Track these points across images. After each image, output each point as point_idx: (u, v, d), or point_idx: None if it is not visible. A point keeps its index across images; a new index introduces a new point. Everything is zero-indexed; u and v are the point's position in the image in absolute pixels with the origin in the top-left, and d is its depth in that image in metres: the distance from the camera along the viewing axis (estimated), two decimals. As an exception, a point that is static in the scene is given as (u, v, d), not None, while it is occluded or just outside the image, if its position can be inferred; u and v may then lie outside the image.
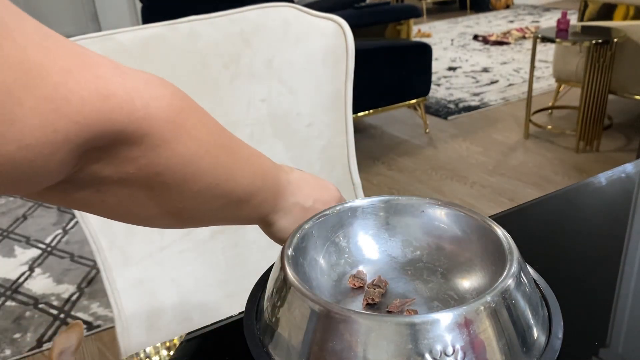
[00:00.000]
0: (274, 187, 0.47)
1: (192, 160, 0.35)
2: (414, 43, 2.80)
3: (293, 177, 0.51)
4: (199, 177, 0.36)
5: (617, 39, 2.48)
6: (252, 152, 0.44)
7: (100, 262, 0.90)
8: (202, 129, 0.36)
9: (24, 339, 1.70)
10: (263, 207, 0.46)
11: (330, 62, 0.96)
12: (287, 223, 0.50)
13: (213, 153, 0.37)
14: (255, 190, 0.43)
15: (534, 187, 2.39)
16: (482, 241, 0.48)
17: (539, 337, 0.41)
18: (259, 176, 0.44)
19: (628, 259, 0.57)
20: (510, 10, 6.64)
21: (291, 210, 0.50)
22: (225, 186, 0.39)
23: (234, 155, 0.40)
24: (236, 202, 0.42)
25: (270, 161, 0.48)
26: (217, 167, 0.38)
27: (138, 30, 0.88)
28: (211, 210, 0.41)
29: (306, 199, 0.51)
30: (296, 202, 0.50)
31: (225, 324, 0.52)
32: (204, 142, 0.36)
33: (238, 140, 0.43)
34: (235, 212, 0.44)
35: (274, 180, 0.47)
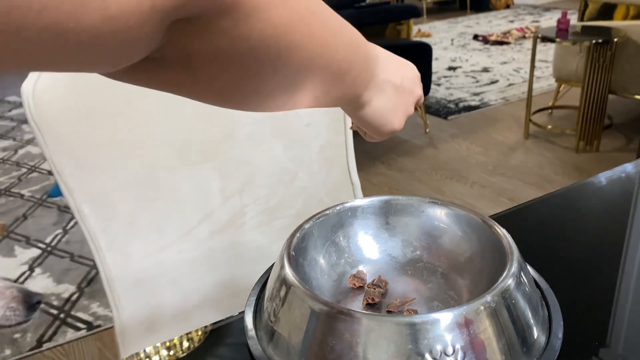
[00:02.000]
0: (366, 62, 0.43)
1: (285, 30, 0.32)
2: (414, 43, 2.80)
3: (380, 52, 0.47)
4: (294, 50, 0.33)
5: (617, 39, 2.48)
6: (342, 21, 0.40)
7: (100, 262, 0.90)
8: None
9: (24, 339, 1.70)
10: (357, 84, 0.43)
11: (330, 62, 0.96)
12: (381, 103, 0.47)
13: (307, 22, 0.33)
14: (349, 65, 0.40)
15: (534, 187, 2.39)
16: (482, 241, 0.48)
17: (539, 337, 0.41)
18: (352, 49, 0.40)
19: (628, 259, 0.57)
20: (510, 10, 6.64)
21: (383, 88, 0.47)
22: (320, 61, 0.36)
23: (327, 26, 0.36)
24: (331, 79, 0.39)
25: (358, 32, 0.43)
26: (312, 39, 0.34)
27: (138, 30, 0.88)
28: (306, 89, 0.38)
29: (395, 75, 0.48)
30: (387, 79, 0.47)
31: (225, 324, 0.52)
32: (297, 9, 0.32)
33: (325, 5, 0.38)
34: (330, 91, 0.40)
35: (365, 54, 0.43)
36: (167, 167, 0.92)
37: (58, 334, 1.71)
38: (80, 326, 1.74)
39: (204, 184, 0.96)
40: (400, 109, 0.49)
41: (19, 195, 2.61)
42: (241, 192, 0.99)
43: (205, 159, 0.95)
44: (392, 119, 0.48)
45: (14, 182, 2.75)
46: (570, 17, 2.70)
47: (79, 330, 1.72)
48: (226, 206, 0.98)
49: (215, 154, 0.96)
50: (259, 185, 1.00)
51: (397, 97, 0.48)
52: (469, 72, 4.10)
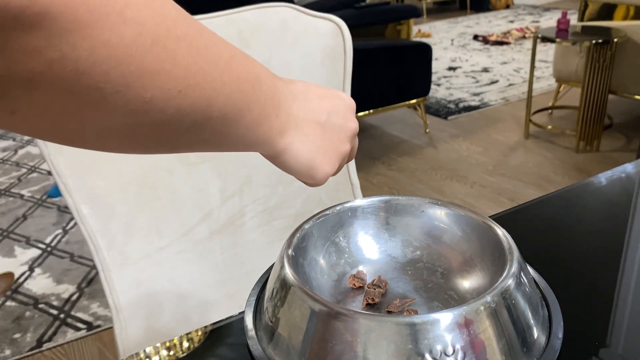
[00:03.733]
0: (274, 100, 0.37)
1: (130, 54, 0.25)
2: (414, 43, 2.80)
3: (296, 87, 0.41)
4: (148, 79, 0.26)
5: (617, 39, 2.48)
6: (234, 52, 0.34)
7: (99, 263, 0.90)
8: (145, 9, 0.26)
9: (24, 339, 1.70)
10: (263, 125, 0.36)
11: (328, 62, 0.96)
12: (305, 147, 0.40)
13: (166, 46, 0.27)
14: (245, 101, 0.34)
15: (534, 187, 2.39)
16: (482, 241, 0.48)
17: (539, 337, 0.41)
18: (249, 82, 0.34)
19: (628, 259, 0.57)
20: (510, 10, 6.64)
21: (304, 130, 0.40)
22: (195, 94, 0.29)
23: (204, 53, 0.30)
24: (219, 117, 0.32)
25: (263, 67, 0.37)
26: (176, 67, 0.28)
27: (137, 30, 0.88)
28: (184, 129, 0.31)
29: (319, 113, 0.41)
30: (307, 118, 0.40)
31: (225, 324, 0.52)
32: (149, 29, 0.26)
33: (210, 33, 0.32)
34: (224, 132, 0.34)
35: (271, 88, 0.36)
36: (166, 167, 0.92)
37: (58, 334, 1.71)
38: (80, 326, 1.74)
39: (203, 184, 0.96)
40: (329, 150, 0.42)
41: (18, 196, 2.61)
42: (241, 192, 0.99)
43: (204, 159, 0.95)
44: (320, 162, 0.41)
45: (14, 182, 2.75)
46: (570, 17, 2.70)
47: (79, 330, 1.72)
48: (225, 206, 0.98)
49: (214, 154, 0.96)
50: (258, 185, 1.00)
51: (323, 136, 0.41)
52: (469, 72, 4.10)
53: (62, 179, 0.82)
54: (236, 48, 0.35)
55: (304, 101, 0.41)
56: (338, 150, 0.43)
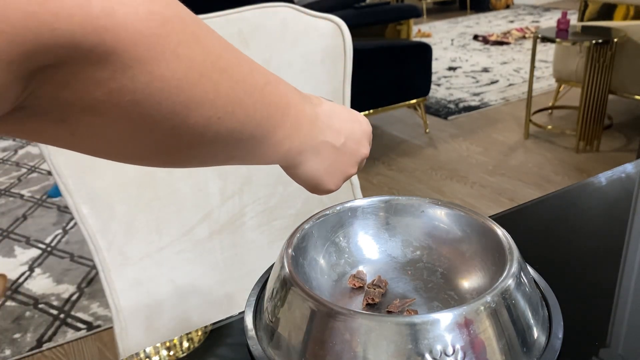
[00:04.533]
0: (299, 123, 0.40)
1: (180, 86, 0.28)
2: (414, 43, 2.80)
3: (322, 110, 0.44)
4: (194, 108, 0.30)
5: (617, 39, 2.48)
6: (269, 78, 0.37)
7: (99, 263, 0.90)
8: (195, 46, 0.29)
9: (24, 339, 1.70)
10: (285, 145, 0.40)
11: (328, 62, 0.96)
12: (317, 165, 0.44)
13: (211, 78, 0.30)
14: (273, 125, 0.37)
15: (534, 187, 2.39)
16: (482, 241, 0.48)
17: (539, 337, 0.41)
18: (279, 109, 0.37)
19: (628, 259, 0.57)
20: (510, 10, 6.64)
21: (320, 150, 0.43)
22: (232, 120, 0.33)
23: (242, 83, 0.33)
24: (249, 139, 0.35)
25: (295, 90, 0.41)
26: (218, 97, 0.31)
27: (137, 30, 0.88)
28: (217, 148, 0.34)
29: (337, 136, 0.44)
30: (325, 140, 0.43)
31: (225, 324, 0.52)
32: (198, 63, 0.29)
33: (249, 61, 0.35)
34: (251, 151, 0.37)
35: (298, 113, 0.40)
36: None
37: (58, 334, 1.71)
38: (80, 326, 1.74)
39: (203, 184, 0.96)
40: (337, 171, 0.45)
41: (18, 196, 2.61)
42: (241, 192, 0.99)
43: (205, 159, 0.95)
44: (326, 180, 0.45)
45: (14, 182, 2.75)
46: (570, 17, 2.70)
47: (79, 330, 1.72)
48: (225, 206, 0.98)
49: (215, 154, 0.96)
50: (258, 185, 1.00)
51: (335, 158, 0.44)
52: (469, 72, 4.10)
53: (62, 179, 0.82)
54: (271, 73, 0.38)
55: (326, 124, 0.44)
56: (345, 172, 0.46)
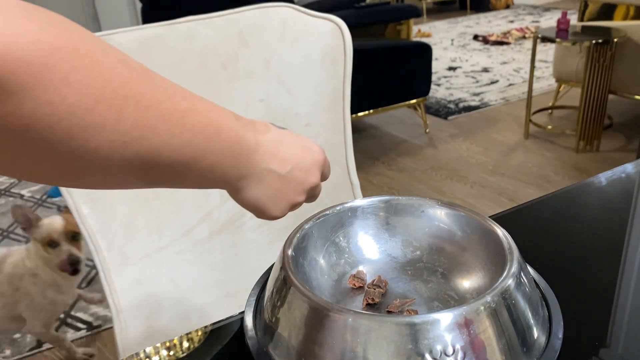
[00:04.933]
0: (233, 150, 0.40)
1: (73, 112, 0.29)
2: (414, 43, 2.80)
3: (267, 138, 0.44)
4: (92, 132, 0.30)
5: (617, 39, 2.48)
6: (195, 105, 0.37)
7: (99, 263, 0.90)
8: (92, 73, 0.29)
9: (24, 339, 1.70)
10: (216, 172, 0.40)
11: (328, 62, 0.96)
12: (259, 192, 0.44)
13: (111, 104, 0.31)
14: (198, 151, 0.37)
15: (534, 187, 2.39)
16: (482, 241, 0.48)
17: (539, 337, 0.41)
18: (205, 135, 0.37)
19: (628, 259, 0.57)
20: (510, 10, 6.64)
21: (263, 177, 0.43)
22: (141, 145, 0.33)
23: (154, 109, 0.33)
24: (169, 164, 0.35)
25: (232, 118, 0.41)
26: (121, 122, 0.31)
27: (136, 30, 0.88)
28: (133, 172, 0.34)
29: (282, 164, 0.44)
30: (268, 168, 0.43)
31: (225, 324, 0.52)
32: (95, 89, 0.30)
33: (170, 88, 0.36)
34: (176, 175, 0.37)
35: (232, 141, 0.40)
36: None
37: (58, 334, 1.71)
38: (80, 326, 1.74)
39: (203, 184, 0.96)
40: (282, 198, 0.45)
41: (19, 196, 2.61)
42: (241, 192, 0.99)
43: (205, 159, 0.95)
44: (270, 207, 0.45)
45: (14, 182, 2.75)
46: (570, 17, 2.70)
47: (79, 330, 1.72)
48: (225, 206, 0.98)
49: (215, 154, 0.96)
50: (258, 185, 1.00)
51: (280, 186, 0.45)
52: (469, 72, 4.10)
53: (62, 179, 0.82)
54: (203, 101, 0.38)
55: (270, 152, 0.43)
56: (290, 201, 0.46)
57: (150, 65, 0.86)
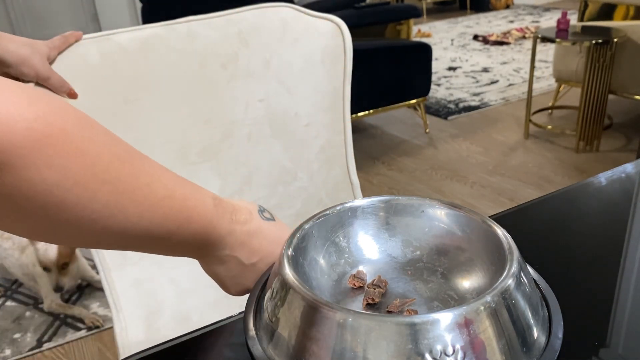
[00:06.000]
0: (201, 236, 0.43)
1: (50, 190, 0.32)
2: (414, 43, 2.80)
3: (244, 228, 0.47)
4: (64, 208, 0.34)
5: (617, 39, 2.48)
6: (174, 193, 0.41)
7: (99, 263, 0.90)
8: (75, 159, 0.33)
9: (24, 339, 1.70)
10: (180, 250, 0.44)
11: (328, 62, 0.96)
12: (220, 272, 0.48)
13: (87, 187, 0.34)
14: (165, 232, 0.40)
15: (534, 187, 2.39)
16: (482, 241, 0.48)
17: (539, 337, 0.41)
18: (176, 221, 0.40)
19: (628, 259, 0.57)
20: (510, 10, 6.64)
21: (225, 261, 0.47)
22: (109, 222, 0.36)
23: (129, 194, 0.37)
24: (135, 238, 0.39)
25: (210, 205, 0.44)
26: (94, 202, 0.35)
27: (136, 30, 0.88)
28: (103, 239, 0.38)
29: (249, 255, 0.48)
30: (233, 255, 0.47)
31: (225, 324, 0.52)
32: (75, 173, 0.33)
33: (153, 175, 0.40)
34: (144, 247, 0.41)
35: (202, 228, 0.43)
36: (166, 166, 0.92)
37: (58, 334, 1.71)
38: (80, 326, 1.74)
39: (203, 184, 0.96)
40: (240, 282, 0.49)
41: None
42: (240, 192, 0.99)
43: (204, 159, 0.95)
44: (228, 287, 0.49)
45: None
46: (570, 17, 2.70)
47: (79, 330, 1.72)
48: (226, 206, 0.98)
49: (214, 154, 0.96)
50: (258, 185, 1.00)
51: (241, 272, 0.48)
52: (469, 72, 4.10)
53: (62, 179, 0.82)
54: (184, 187, 0.42)
55: (240, 241, 0.47)
56: (248, 286, 0.49)
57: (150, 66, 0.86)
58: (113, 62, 0.86)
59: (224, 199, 0.47)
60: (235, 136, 0.97)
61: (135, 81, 0.87)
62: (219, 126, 0.95)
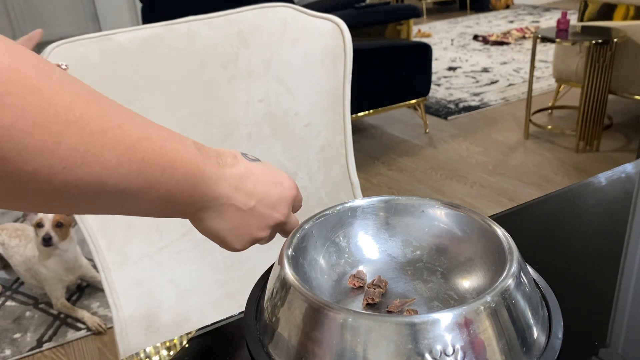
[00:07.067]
0: (189, 182, 0.39)
1: (8, 134, 0.29)
2: (414, 43, 2.80)
3: (232, 171, 0.43)
4: (28, 156, 0.30)
5: (617, 39, 2.48)
6: (149, 134, 0.36)
7: (99, 263, 0.90)
8: (30, 97, 0.29)
9: (24, 339, 1.70)
10: (172, 202, 0.39)
11: (328, 62, 0.96)
12: (219, 224, 0.44)
13: (50, 129, 0.30)
14: (149, 182, 0.36)
15: (534, 187, 2.39)
16: (482, 241, 0.48)
17: (539, 337, 0.41)
18: (157, 165, 0.36)
19: (628, 259, 0.57)
20: (510, 10, 6.64)
21: (223, 211, 0.43)
22: (83, 171, 0.32)
23: (99, 135, 0.33)
24: (116, 192, 0.35)
25: (193, 148, 0.40)
26: (61, 147, 0.31)
27: (136, 30, 0.88)
28: (78, 197, 0.34)
29: (245, 200, 0.44)
30: (229, 203, 0.43)
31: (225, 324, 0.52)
32: (32, 114, 0.29)
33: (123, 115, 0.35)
34: (126, 203, 0.37)
35: (189, 172, 0.39)
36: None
37: (58, 334, 1.71)
38: (80, 326, 1.74)
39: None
40: (243, 233, 0.45)
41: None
42: (241, 192, 0.99)
43: (205, 159, 0.95)
44: (230, 240, 0.45)
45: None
46: (570, 17, 2.70)
47: (79, 330, 1.72)
48: (226, 206, 0.98)
49: (215, 154, 0.96)
50: (258, 185, 1.00)
51: (240, 221, 0.44)
52: (469, 72, 4.10)
53: (62, 179, 0.82)
54: (160, 131, 0.37)
55: (233, 186, 0.43)
56: (252, 235, 0.46)
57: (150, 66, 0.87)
58: (113, 62, 0.86)
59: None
60: (235, 136, 0.97)
61: (135, 81, 0.87)
62: (219, 126, 0.95)
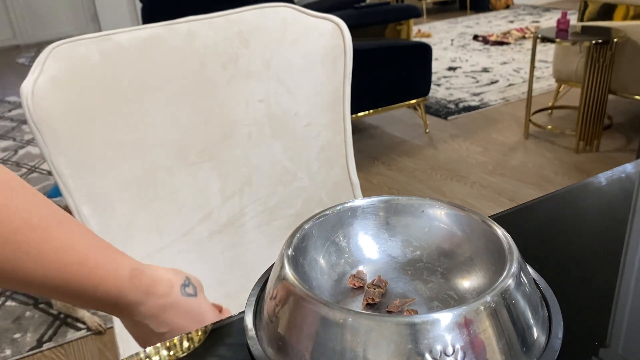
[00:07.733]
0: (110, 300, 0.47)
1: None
2: (414, 43, 2.80)
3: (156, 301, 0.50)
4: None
5: (617, 39, 2.48)
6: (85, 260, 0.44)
7: (100, 263, 0.90)
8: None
9: (24, 339, 1.70)
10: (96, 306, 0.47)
11: (328, 62, 0.96)
12: (133, 331, 0.52)
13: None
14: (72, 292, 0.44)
15: (534, 187, 2.39)
16: (482, 241, 0.48)
17: (539, 337, 0.41)
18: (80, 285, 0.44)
19: (628, 259, 0.57)
20: (510, 10, 6.64)
21: (136, 324, 0.51)
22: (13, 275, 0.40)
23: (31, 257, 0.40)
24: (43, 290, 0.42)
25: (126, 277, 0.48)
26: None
27: (136, 30, 0.88)
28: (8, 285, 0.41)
29: (159, 326, 0.51)
30: (143, 322, 0.50)
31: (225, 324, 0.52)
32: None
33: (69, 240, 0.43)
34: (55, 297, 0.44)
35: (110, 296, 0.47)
36: (166, 167, 0.92)
37: (58, 334, 1.71)
38: (80, 326, 1.74)
39: (203, 184, 0.96)
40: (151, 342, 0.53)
41: (18, 196, 2.61)
42: (241, 193, 0.99)
43: (205, 159, 0.95)
44: (139, 343, 0.54)
45: (14, 182, 2.75)
46: (570, 17, 2.70)
47: (79, 330, 1.72)
48: (226, 206, 0.98)
49: (214, 154, 0.96)
50: (258, 185, 1.00)
51: (150, 336, 0.52)
52: (469, 72, 4.10)
53: (62, 179, 0.82)
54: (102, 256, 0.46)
55: (151, 314, 0.50)
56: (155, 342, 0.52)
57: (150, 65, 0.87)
58: (113, 62, 0.86)
59: (152, 268, 0.51)
60: (235, 136, 0.97)
61: (135, 81, 0.87)
62: (219, 126, 0.95)
